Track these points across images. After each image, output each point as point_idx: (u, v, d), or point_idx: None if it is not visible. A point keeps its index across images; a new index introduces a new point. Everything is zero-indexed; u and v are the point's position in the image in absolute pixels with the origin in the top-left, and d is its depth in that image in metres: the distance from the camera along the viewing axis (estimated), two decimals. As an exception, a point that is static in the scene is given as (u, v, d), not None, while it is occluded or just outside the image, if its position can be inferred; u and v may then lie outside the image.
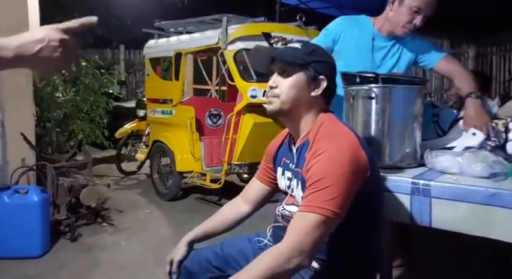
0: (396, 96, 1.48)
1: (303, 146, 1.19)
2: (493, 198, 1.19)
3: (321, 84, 1.20)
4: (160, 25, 4.33)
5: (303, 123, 1.21)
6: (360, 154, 1.10)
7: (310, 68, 1.18)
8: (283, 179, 1.31)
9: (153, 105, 4.38)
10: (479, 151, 1.45)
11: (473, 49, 5.67)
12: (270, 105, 1.22)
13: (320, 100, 1.21)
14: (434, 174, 1.40)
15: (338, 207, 1.02)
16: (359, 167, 1.08)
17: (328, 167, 1.05)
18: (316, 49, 1.25)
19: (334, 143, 1.10)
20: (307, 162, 1.10)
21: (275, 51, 1.30)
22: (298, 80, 1.18)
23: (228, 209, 1.42)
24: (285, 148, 1.33)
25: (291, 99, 1.18)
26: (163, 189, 4.15)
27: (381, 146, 1.47)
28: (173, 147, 3.96)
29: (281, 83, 1.19)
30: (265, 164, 1.40)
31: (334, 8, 5.06)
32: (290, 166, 1.26)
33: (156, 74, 4.55)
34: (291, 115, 1.21)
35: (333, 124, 1.18)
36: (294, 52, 1.20)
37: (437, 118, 1.86)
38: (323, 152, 1.07)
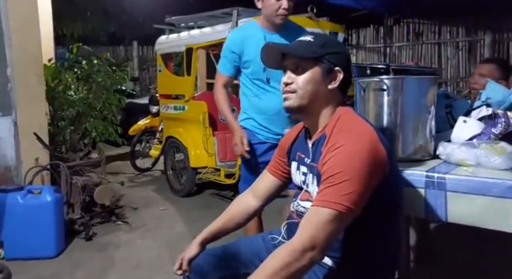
0: (408, 87, 1.45)
1: (319, 140, 1.16)
2: (511, 190, 1.16)
3: (338, 76, 1.16)
4: (170, 20, 4.30)
5: (321, 117, 1.18)
6: (379, 149, 1.07)
7: (324, 61, 1.15)
8: (298, 174, 1.27)
9: (165, 101, 4.37)
10: (496, 142, 1.40)
11: (490, 36, 5.48)
12: (287, 101, 1.19)
13: (337, 92, 1.19)
14: (450, 167, 1.37)
15: (354, 203, 0.99)
16: (378, 162, 1.05)
17: (345, 162, 1.02)
18: (329, 40, 1.21)
19: (352, 137, 1.06)
20: (324, 156, 1.07)
21: (287, 46, 1.26)
22: (314, 74, 1.15)
23: (236, 205, 1.40)
24: (300, 142, 1.29)
25: (309, 94, 1.15)
26: (177, 185, 4.15)
27: (394, 139, 1.45)
28: (186, 143, 3.95)
29: (296, 79, 1.16)
30: (278, 158, 1.37)
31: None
32: (305, 161, 1.23)
33: (168, 70, 4.53)
34: (309, 110, 1.18)
35: (351, 118, 1.15)
36: (306, 46, 1.16)
37: (450, 109, 1.80)
38: (341, 146, 1.04)
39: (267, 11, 2.04)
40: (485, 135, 1.50)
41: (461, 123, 1.57)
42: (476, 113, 1.63)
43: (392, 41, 6.36)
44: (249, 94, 2.17)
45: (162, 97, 4.48)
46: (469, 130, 1.53)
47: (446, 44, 5.99)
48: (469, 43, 5.79)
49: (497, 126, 1.48)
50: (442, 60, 6.03)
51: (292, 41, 1.98)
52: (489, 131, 1.49)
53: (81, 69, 3.63)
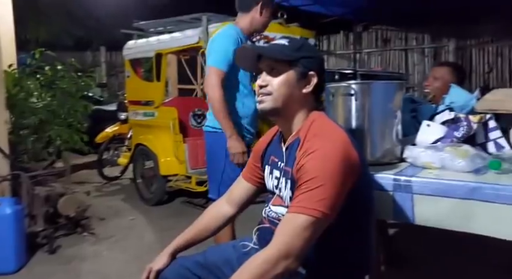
0: (375, 92, 1.48)
1: (293, 144, 1.16)
2: (474, 192, 1.20)
3: (312, 80, 1.17)
4: (139, 25, 4.22)
5: (294, 120, 1.18)
6: (352, 153, 1.07)
7: (299, 64, 1.15)
8: (270, 178, 1.26)
9: (134, 107, 4.28)
10: (459, 145, 1.44)
11: (453, 43, 5.70)
12: (261, 103, 1.18)
13: (311, 97, 1.19)
14: (416, 169, 1.40)
15: (329, 208, 0.99)
16: (351, 166, 1.06)
17: (320, 167, 1.02)
18: (305, 44, 1.22)
19: (326, 141, 1.07)
20: (298, 161, 1.07)
21: (263, 48, 1.25)
22: (289, 77, 1.15)
23: (211, 212, 1.36)
24: (274, 146, 1.28)
25: (283, 97, 1.15)
26: (147, 194, 4.04)
27: (363, 143, 1.48)
28: (156, 150, 3.86)
29: (271, 81, 1.16)
30: (253, 163, 1.35)
31: (318, 5, 5.01)
32: (279, 165, 1.22)
33: (137, 75, 4.44)
34: (283, 113, 1.17)
35: (324, 123, 1.15)
36: (281, 49, 1.16)
37: (416, 113, 1.85)
38: (315, 150, 1.04)
39: (263, 21, 2.16)
40: (448, 138, 1.53)
41: (425, 127, 1.60)
42: (439, 117, 1.67)
43: (361, 47, 6.50)
44: (232, 99, 2.10)
45: (130, 103, 4.38)
46: (432, 134, 1.57)
47: (413, 51, 6.17)
48: (434, 50, 5.99)
49: (460, 130, 1.51)
50: (409, 66, 6.21)
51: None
52: (452, 134, 1.52)
53: (44, 75, 3.49)
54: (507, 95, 1.61)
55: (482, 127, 1.56)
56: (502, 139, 1.53)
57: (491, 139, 1.55)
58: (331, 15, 5.40)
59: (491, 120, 1.55)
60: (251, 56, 1.21)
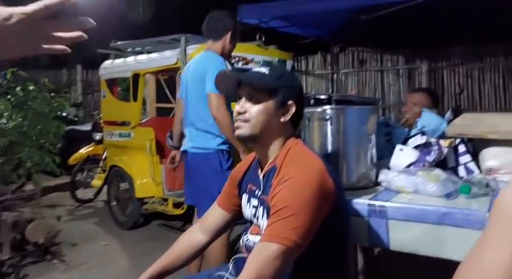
0: (350, 116, 1.52)
1: (270, 172, 1.16)
2: (445, 217, 1.22)
3: (290, 109, 1.18)
4: (116, 46, 4.18)
5: (271, 148, 1.18)
6: (327, 181, 1.08)
7: (279, 94, 1.16)
8: (248, 207, 1.25)
9: (110, 128, 4.19)
10: (431, 170, 1.47)
11: (426, 64, 5.89)
12: (239, 129, 1.18)
13: (289, 125, 1.20)
14: (390, 194, 1.42)
15: (301, 237, 0.99)
16: (325, 194, 1.06)
17: (294, 195, 1.02)
18: (285, 73, 1.24)
19: (301, 169, 1.07)
20: (273, 189, 1.07)
21: (244, 75, 1.26)
22: (268, 106, 1.16)
23: (183, 240, 1.33)
24: (251, 174, 1.28)
25: (261, 125, 1.16)
26: (122, 217, 3.93)
27: (338, 167, 1.50)
28: (132, 172, 3.77)
29: (250, 108, 1.16)
30: (229, 190, 1.34)
31: (296, 27, 5.10)
32: (256, 193, 1.21)
33: (113, 95, 4.37)
34: (260, 140, 1.18)
35: (301, 150, 1.16)
36: (262, 77, 1.18)
37: (390, 137, 1.88)
38: (289, 178, 1.04)
39: (231, 48, 2.35)
40: (420, 163, 1.55)
41: (399, 151, 1.63)
42: (412, 141, 1.70)
43: (338, 67, 6.61)
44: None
45: (106, 123, 4.29)
46: (406, 158, 1.60)
47: (388, 71, 6.32)
48: (408, 71, 6.15)
49: (431, 154, 1.54)
50: (385, 86, 6.34)
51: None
52: (424, 159, 1.55)
53: (14, 95, 3.40)
54: (475, 120, 1.65)
55: (453, 152, 1.59)
56: (471, 164, 1.57)
57: (461, 163, 1.58)
58: (309, 37, 5.50)
59: (461, 145, 1.58)
60: (231, 82, 1.22)
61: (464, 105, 5.72)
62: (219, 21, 2.31)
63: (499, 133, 1.49)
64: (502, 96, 5.64)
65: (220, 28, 2.27)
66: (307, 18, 4.79)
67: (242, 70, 3.55)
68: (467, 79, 5.81)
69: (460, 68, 5.84)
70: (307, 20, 4.87)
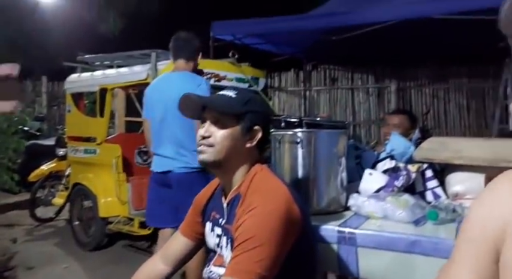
0: (320, 140, 1.52)
1: (234, 200, 1.12)
2: (414, 245, 1.22)
3: (256, 135, 1.15)
4: (83, 59, 4.05)
5: (236, 175, 1.14)
6: (293, 209, 1.04)
7: (245, 119, 1.13)
8: (212, 236, 1.20)
9: (74, 144, 4.03)
10: (400, 195, 1.47)
11: (395, 84, 6.06)
12: (202, 154, 1.14)
13: (254, 150, 1.17)
14: (360, 220, 1.41)
15: (266, 269, 0.95)
16: (291, 223, 1.03)
17: (258, 226, 0.98)
18: (252, 98, 1.19)
19: (266, 198, 1.03)
20: (238, 218, 1.03)
21: (209, 99, 1.23)
22: (233, 131, 1.13)
23: (144, 271, 1.26)
24: (215, 201, 1.23)
25: (225, 150, 1.12)
26: (84, 237, 3.75)
27: (308, 191, 1.49)
28: (96, 190, 3.62)
29: (215, 133, 1.12)
30: (193, 217, 1.28)
31: (269, 44, 5.14)
32: (220, 222, 1.17)
33: (79, 110, 4.22)
34: (224, 166, 1.14)
35: (266, 177, 1.12)
36: (228, 102, 1.14)
37: (359, 160, 1.88)
38: (254, 208, 1.01)
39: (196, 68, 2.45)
40: (389, 187, 1.55)
41: (368, 176, 1.62)
42: (381, 165, 1.70)
43: (311, 84, 6.70)
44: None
45: (70, 139, 4.12)
46: (375, 183, 1.59)
47: (359, 90, 6.45)
48: (378, 89, 6.31)
49: (400, 179, 1.54)
50: (355, 104, 6.47)
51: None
52: (392, 184, 1.55)
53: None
54: (441, 144, 1.67)
55: (421, 176, 1.60)
56: (438, 189, 1.57)
57: (429, 188, 1.59)
58: (282, 54, 5.56)
59: (429, 170, 1.59)
60: (196, 106, 1.17)
61: (431, 124, 5.89)
62: (191, 42, 2.40)
63: (463, 159, 1.50)
64: (466, 116, 5.86)
65: (193, 49, 2.38)
66: (280, 36, 4.84)
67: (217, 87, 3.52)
68: (434, 99, 6.01)
69: (427, 89, 6.04)
70: (280, 38, 4.92)
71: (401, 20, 3.76)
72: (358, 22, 3.98)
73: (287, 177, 1.51)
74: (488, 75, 5.63)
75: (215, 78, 3.61)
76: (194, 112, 1.19)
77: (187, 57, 2.37)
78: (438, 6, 3.60)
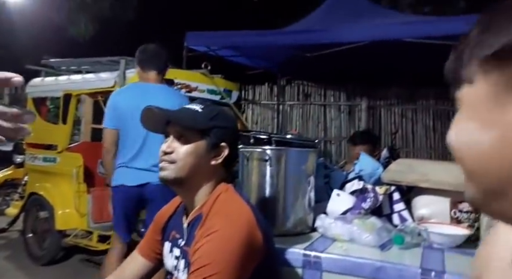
0: (290, 158, 1.47)
1: (195, 221, 1.04)
2: (379, 271, 1.20)
3: (222, 152, 1.08)
4: (48, 62, 3.88)
5: (199, 194, 1.07)
6: (255, 234, 0.98)
7: (211, 134, 1.06)
8: (170, 257, 1.12)
9: (33, 151, 3.82)
10: (367, 217, 1.45)
11: (366, 102, 6.17)
12: (163, 171, 1.06)
13: (220, 168, 1.09)
14: (326, 243, 1.39)
15: None
16: (253, 249, 0.96)
17: (216, 251, 0.91)
18: (220, 113, 1.12)
19: (228, 221, 0.97)
20: (196, 241, 0.96)
21: (173, 113, 1.14)
22: (198, 147, 1.05)
23: None
24: (176, 220, 1.15)
25: (188, 167, 1.04)
26: (38, 251, 3.54)
27: (275, 211, 1.45)
28: (53, 201, 3.44)
29: (178, 149, 1.05)
30: (152, 236, 1.20)
31: (244, 57, 5.13)
32: (179, 243, 1.09)
33: (41, 116, 4.02)
34: (187, 185, 1.06)
35: (230, 198, 1.05)
36: (194, 116, 1.07)
37: (328, 179, 1.85)
38: (214, 232, 0.94)
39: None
40: (356, 209, 1.52)
41: (335, 197, 1.58)
42: (349, 186, 1.67)
43: (284, 99, 6.72)
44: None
45: (29, 146, 3.91)
46: (342, 204, 1.56)
47: (331, 106, 6.53)
48: (349, 107, 6.40)
49: (367, 201, 1.51)
50: (327, 120, 6.53)
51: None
52: (359, 205, 1.52)
53: None
54: (408, 166, 1.66)
55: (388, 199, 1.57)
56: (405, 212, 1.55)
57: (395, 211, 1.57)
58: (257, 68, 5.56)
59: (396, 192, 1.57)
60: (160, 120, 1.10)
61: (399, 143, 6.01)
62: (162, 54, 2.41)
63: (429, 182, 1.50)
64: (432, 137, 6.02)
65: (165, 61, 2.40)
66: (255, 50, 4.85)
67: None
68: (402, 119, 6.15)
69: (396, 108, 6.18)
70: (255, 51, 4.93)
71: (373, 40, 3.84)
72: (332, 40, 4.05)
73: (254, 195, 1.46)
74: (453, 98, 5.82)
75: (186, 89, 3.54)
76: (157, 126, 1.12)
77: (160, 69, 2.37)
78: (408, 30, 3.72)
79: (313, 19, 4.76)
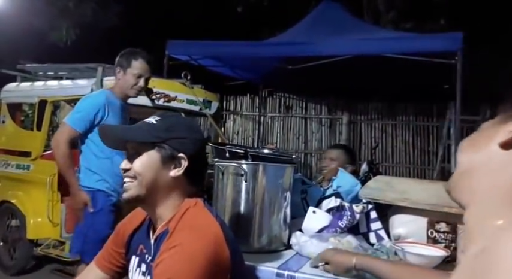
0: (266, 173, 1.44)
1: (162, 236, 1.00)
2: None
3: (181, 163, 1.03)
4: (24, 67, 3.78)
5: (163, 208, 1.03)
6: (223, 251, 0.95)
7: (165, 146, 1.02)
8: (137, 273, 1.07)
9: (5, 157, 3.70)
10: (343, 236, 1.43)
11: (346, 116, 6.23)
12: (126, 192, 1.03)
13: (183, 181, 1.04)
14: (301, 261, 1.36)
15: None
16: (219, 267, 0.92)
17: (178, 266, 0.88)
18: (176, 124, 1.07)
19: (193, 236, 0.93)
20: (160, 255, 0.92)
21: (124, 129, 1.12)
22: (151, 159, 1.01)
23: None
24: (143, 233, 1.10)
25: (146, 182, 1.00)
26: (8, 260, 3.43)
27: (249, 227, 1.41)
28: (25, 209, 3.33)
29: (134, 164, 1.02)
30: (112, 247, 1.14)
31: (226, 68, 5.11)
32: (146, 258, 1.05)
33: (15, 122, 3.90)
34: (149, 200, 1.02)
35: (198, 213, 1.01)
36: (147, 129, 1.04)
37: (305, 195, 1.84)
38: (178, 245, 0.90)
39: (124, 84, 2.28)
40: (332, 228, 1.50)
41: (311, 214, 1.56)
42: (326, 203, 1.65)
43: (266, 110, 6.74)
44: (101, 156, 2.20)
45: (2, 152, 3.78)
46: (318, 222, 1.54)
47: (312, 119, 6.57)
48: (330, 120, 6.46)
49: (343, 219, 1.50)
50: (308, 133, 6.57)
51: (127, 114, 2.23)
52: (336, 223, 1.50)
53: None
54: (387, 184, 1.65)
55: (365, 217, 1.56)
56: (381, 231, 1.55)
57: (372, 229, 1.56)
58: (239, 79, 5.55)
59: (373, 211, 1.56)
60: (115, 136, 1.08)
61: (379, 158, 6.07)
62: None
63: (407, 201, 1.49)
64: (411, 152, 6.11)
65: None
66: (237, 60, 4.84)
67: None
68: (383, 134, 6.24)
69: (376, 123, 6.26)
70: (237, 62, 4.93)
71: (355, 55, 3.89)
72: (315, 54, 4.08)
73: (228, 210, 1.43)
74: (432, 114, 5.95)
75: (165, 99, 3.49)
76: (117, 143, 1.09)
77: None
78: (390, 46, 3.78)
79: (296, 31, 4.80)
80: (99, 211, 2.16)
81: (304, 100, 6.59)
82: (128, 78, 2.26)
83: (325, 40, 4.06)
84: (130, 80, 2.26)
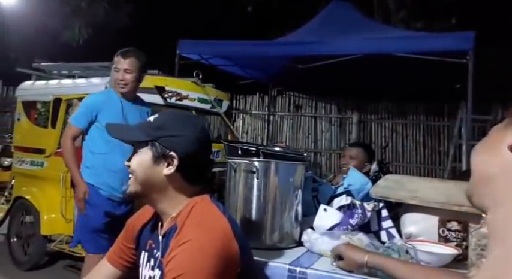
0: (277, 171, 1.46)
1: (170, 231, 1.02)
2: None
3: (172, 161, 1.05)
4: (39, 66, 3.85)
5: (164, 205, 1.06)
6: (231, 246, 0.97)
7: (156, 144, 1.04)
8: (147, 268, 1.09)
9: (21, 154, 3.77)
10: (354, 234, 1.43)
11: (356, 116, 6.21)
12: (128, 187, 1.08)
13: (178, 178, 1.05)
14: (312, 258, 1.37)
15: None
16: (228, 261, 0.94)
17: (189, 262, 0.90)
18: (169, 122, 1.08)
19: (202, 231, 0.95)
20: (170, 251, 0.94)
21: (120, 127, 1.20)
22: (144, 157, 1.05)
23: None
24: (152, 229, 1.13)
25: (141, 178, 1.05)
26: (22, 256, 3.48)
27: (261, 224, 1.42)
28: (39, 205, 3.38)
29: (132, 161, 1.07)
30: (123, 243, 1.17)
31: (236, 67, 5.14)
32: (155, 254, 1.07)
33: (30, 119, 3.98)
34: (148, 196, 1.07)
35: (207, 208, 1.03)
36: (144, 128, 1.08)
37: (316, 193, 1.85)
38: (187, 241, 0.92)
39: (113, 82, 2.45)
40: (343, 225, 1.51)
41: (322, 212, 1.57)
42: (337, 201, 1.66)
43: (275, 109, 6.75)
44: (96, 152, 2.34)
45: (17, 149, 3.86)
46: (329, 219, 1.54)
47: (321, 118, 6.56)
48: (340, 120, 6.44)
49: (354, 217, 1.50)
50: (318, 132, 6.56)
51: (139, 113, 2.38)
52: (347, 221, 1.51)
53: None
54: (397, 182, 1.66)
55: (376, 216, 1.57)
56: (393, 229, 1.55)
57: (383, 227, 1.57)
58: (249, 78, 5.57)
59: (384, 209, 1.57)
60: (116, 136, 1.15)
61: (389, 158, 6.05)
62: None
63: (418, 199, 1.50)
64: (422, 152, 6.07)
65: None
66: (247, 60, 4.86)
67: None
68: (393, 133, 6.20)
69: (387, 122, 6.23)
70: (247, 61, 4.95)
71: (365, 54, 3.89)
72: (325, 53, 4.08)
73: (240, 207, 1.45)
74: (443, 113, 5.91)
75: (177, 97, 3.53)
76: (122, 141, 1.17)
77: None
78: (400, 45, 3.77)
79: (306, 31, 4.80)
80: (91, 202, 2.31)
81: (314, 100, 6.58)
82: (113, 73, 2.41)
83: (335, 39, 4.06)
84: (114, 76, 2.39)
